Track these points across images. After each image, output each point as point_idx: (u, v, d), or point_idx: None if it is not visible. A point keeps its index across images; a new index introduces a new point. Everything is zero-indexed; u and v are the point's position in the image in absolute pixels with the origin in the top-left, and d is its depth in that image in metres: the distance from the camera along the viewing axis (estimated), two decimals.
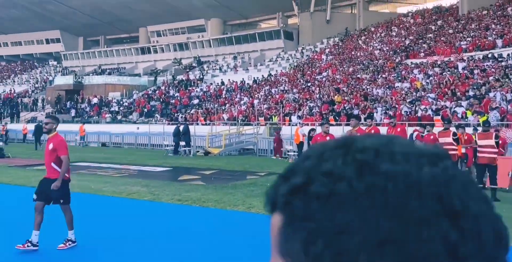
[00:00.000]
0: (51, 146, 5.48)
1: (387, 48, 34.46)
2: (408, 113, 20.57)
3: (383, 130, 19.25)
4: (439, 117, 18.44)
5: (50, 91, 50.41)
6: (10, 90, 53.96)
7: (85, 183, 10.61)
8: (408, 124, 18.67)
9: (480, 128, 11.41)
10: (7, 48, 67.78)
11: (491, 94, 19.59)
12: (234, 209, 7.88)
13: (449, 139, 9.53)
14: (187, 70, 48.90)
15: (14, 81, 60.63)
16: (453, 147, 9.56)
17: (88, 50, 62.68)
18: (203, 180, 12.23)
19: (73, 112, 41.84)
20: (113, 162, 17.61)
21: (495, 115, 16.76)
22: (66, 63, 61.84)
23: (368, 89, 26.40)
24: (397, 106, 21.68)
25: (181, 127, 21.40)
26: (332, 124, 22.86)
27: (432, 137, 11.55)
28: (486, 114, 16.41)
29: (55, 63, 65.08)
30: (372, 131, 11.43)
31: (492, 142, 9.02)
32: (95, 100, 43.40)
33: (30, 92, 54.40)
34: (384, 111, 21.68)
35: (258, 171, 14.45)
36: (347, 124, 22.40)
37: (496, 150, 9.14)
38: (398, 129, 11.62)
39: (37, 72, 63.48)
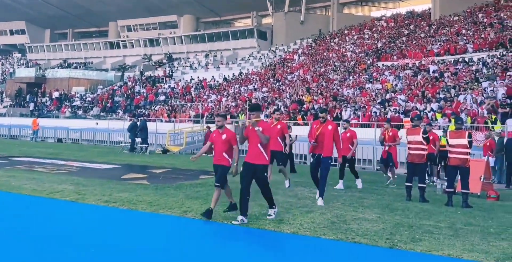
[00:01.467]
0: None
1: (359, 50, 34.00)
2: (378, 114, 19.84)
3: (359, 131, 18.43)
4: (409, 118, 17.74)
5: (10, 83, 48.06)
6: None
7: (6, 179, 9.23)
8: (378, 125, 17.96)
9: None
10: None
11: (461, 97, 19.05)
12: (165, 213, 6.73)
13: (419, 137, 8.61)
14: (157, 66, 47.37)
15: None
16: (422, 146, 8.65)
17: (55, 43, 60.28)
18: (150, 179, 11.00)
19: (31, 106, 39.69)
20: (58, 157, 16.15)
21: (465, 118, 16.13)
22: (31, 56, 59.28)
23: (339, 90, 25.67)
24: (366, 107, 20.93)
25: (139, 123, 20.00)
26: (299, 124, 22.17)
27: (391, 133, 11.31)
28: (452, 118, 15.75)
29: (19, 55, 62.32)
30: (348, 134, 10.69)
31: (464, 141, 8.18)
32: (56, 94, 41.39)
33: None
34: (353, 112, 20.90)
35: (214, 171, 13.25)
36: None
37: (469, 150, 8.30)
38: (348, 134, 10.83)
39: (0, 64, 60.59)
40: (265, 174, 6.49)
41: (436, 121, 17.18)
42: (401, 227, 6.18)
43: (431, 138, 10.47)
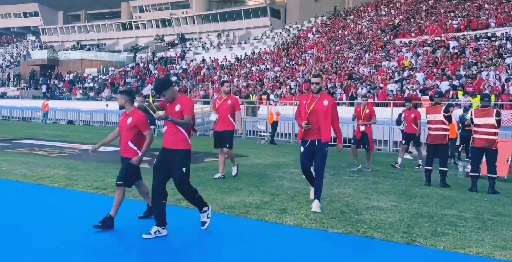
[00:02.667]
0: None
1: (376, 27, 32.66)
2: (394, 93, 18.88)
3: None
4: (427, 97, 16.79)
5: (24, 66, 48.05)
6: None
7: None
8: (394, 104, 17.06)
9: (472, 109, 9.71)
10: None
11: (484, 74, 17.93)
12: None
13: (440, 116, 7.78)
14: (169, 47, 46.67)
15: None
16: (444, 126, 7.82)
17: (68, 25, 59.93)
18: (152, 162, 10.38)
19: (44, 88, 39.52)
20: (63, 140, 15.72)
21: None
22: (45, 38, 59.13)
23: (354, 68, 24.63)
24: (382, 85, 19.95)
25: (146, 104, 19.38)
26: None
27: (413, 115, 10.42)
28: (478, 95, 14.74)
29: (33, 38, 62.17)
30: (412, 115, 10.26)
31: (492, 120, 7.34)
32: (69, 76, 41.19)
33: (4, 67, 51.80)
34: (368, 91, 19.95)
35: None
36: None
37: (497, 130, 7.49)
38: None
39: (14, 47, 60.60)
40: (183, 168, 4.64)
41: (457, 100, 16.19)
42: (420, 218, 5.46)
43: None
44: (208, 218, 4.93)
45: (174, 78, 33.76)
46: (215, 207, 5.82)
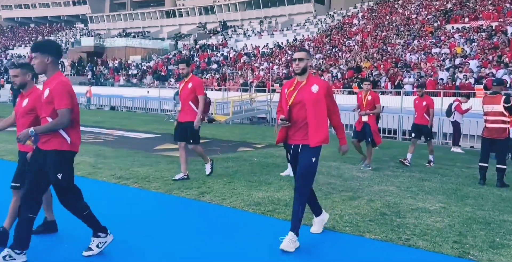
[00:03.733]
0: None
1: (426, 12, 30.84)
2: (445, 81, 17.62)
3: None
4: (481, 86, 15.50)
5: (72, 53, 49.38)
6: None
7: None
8: (444, 94, 15.90)
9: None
10: (35, 10, 66.82)
11: None
12: (178, 194, 5.68)
13: (499, 107, 6.86)
14: (211, 34, 46.52)
15: None
16: (503, 118, 6.90)
17: (114, 13, 61.02)
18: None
19: (89, 74, 40.44)
20: (101, 126, 15.75)
21: None
22: (92, 26, 60.55)
23: (401, 55, 23.33)
24: (432, 73, 18.70)
25: None
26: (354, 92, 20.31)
27: (424, 102, 9.01)
28: None
29: (81, 26, 63.84)
30: (424, 103, 8.89)
31: (499, 107, 6.78)
32: (113, 63, 41.95)
33: None
34: (416, 79, 18.76)
35: (257, 142, 12.18)
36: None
37: (506, 118, 6.83)
38: (424, 103, 9.00)
39: (63, 35, 62.44)
40: (58, 173, 3.39)
41: None
42: (474, 224, 4.71)
43: (424, 103, 8.87)
44: (98, 247, 3.63)
45: (214, 66, 33.55)
46: (240, 202, 5.31)
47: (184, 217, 4.87)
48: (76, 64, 45.53)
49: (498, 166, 6.98)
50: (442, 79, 17.70)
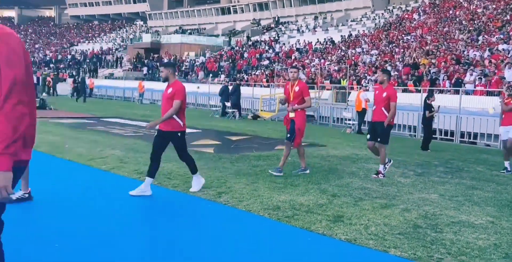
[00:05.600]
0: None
1: (494, 6, 28.63)
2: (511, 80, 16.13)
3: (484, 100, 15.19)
4: None
5: (130, 49, 51.08)
6: (100, 48, 55.78)
7: (69, 141, 8.71)
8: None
9: None
10: (99, 8, 69.81)
11: None
12: (195, 194, 5.33)
13: None
14: (264, 31, 46.28)
15: (103, 40, 62.53)
16: None
17: (172, 10, 62.40)
18: (218, 147, 9.85)
19: (145, 70, 41.54)
20: (146, 120, 15.83)
21: None
22: (151, 23, 62.33)
23: (463, 52, 21.74)
24: (496, 71, 17.20)
25: (230, 87, 18.99)
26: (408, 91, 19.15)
27: (385, 93, 6.88)
28: None
29: (141, 23, 65.94)
30: (384, 94, 6.82)
31: None
32: (168, 59, 42.80)
33: (113, 50, 55.60)
34: (479, 77, 17.34)
35: None
36: (430, 91, 18.52)
37: None
38: (384, 94, 6.89)
39: (124, 32, 64.79)
40: None
41: None
42: None
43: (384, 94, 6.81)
44: None
45: (266, 62, 33.20)
46: (258, 205, 4.87)
47: (190, 219, 4.52)
48: (134, 60, 47.01)
49: None
50: (502, 78, 16.21)
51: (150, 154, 5.41)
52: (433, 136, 12.81)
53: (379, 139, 6.96)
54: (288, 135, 6.80)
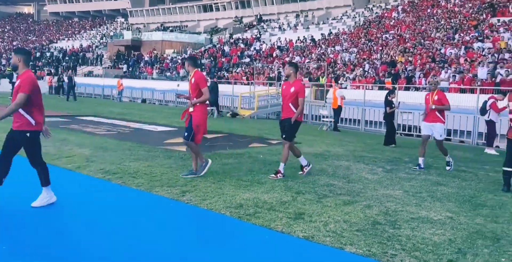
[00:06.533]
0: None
1: (471, 5, 29.10)
2: (484, 78, 16.41)
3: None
4: None
5: (110, 46, 50.45)
6: (80, 45, 54.96)
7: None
8: (482, 90, 14.81)
9: None
10: (79, 4, 68.74)
11: None
12: (158, 193, 5.29)
13: None
14: (246, 28, 46.21)
15: (83, 37, 61.63)
16: None
17: (153, 7, 61.80)
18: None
19: (125, 67, 41.10)
20: (122, 118, 15.69)
21: None
22: (132, 20, 61.63)
23: (440, 50, 22.04)
24: (470, 69, 17.49)
25: (208, 85, 18.88)
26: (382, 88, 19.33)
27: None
28: None
29: (122, 20, 65.16)
30: (292, 89, 6.35)
31: None
32: (149, 56, 42.45)
33: (93, 48, 54.86)
34: (453, 75, 17.61)
35: (274, 138, 11.68)
36: (407, 89, 18.76)
37: None
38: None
39: (105, 29, 63.94)
40: None
41: None
42: (480, 240, 4.05)
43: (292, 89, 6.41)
44: None
45: (247, 60, 33.14)
46: (220, 204, 4.85)
47: (150, 218, 4.47)
48: (115, 58, 46.45)
49: None
50: (476, 75, 16.50)
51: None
52: (396, 131, 13.08)
53: (284, 136, 6.43)
54: (186, 134, 6.12)
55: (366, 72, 21.78)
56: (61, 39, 62.16)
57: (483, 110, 11.74)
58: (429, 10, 31.20)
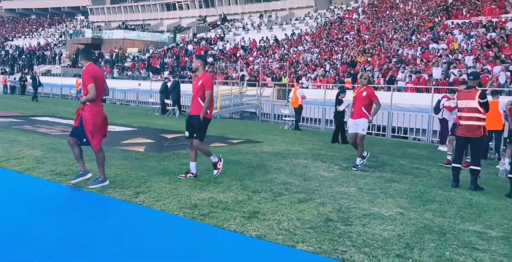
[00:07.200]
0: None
1: (427, 7, 30.10)
2: (439, 78, 16.99)
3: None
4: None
5: (69, 45, 49.01)
6: (38, 43, 53.06)
7: None
8: (436, 90, 15.33)
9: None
10: (36, 1, 66.38)
11: None
12: (110, 195, 5.16)
13: (473, 103, 6.30)
14: (210, 28, 45.96)
15: (40, 35, 59.59)
16: (478, 115, 6.33)
17: (115, 5, 60.46)
18: (150, 146, 9.63)
19: None
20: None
21: None
22: (92, 18, 60.08)
23: (398, 51, 22.66)
24: (425, 69, 18.06)
25: (169, 84, 18.68)
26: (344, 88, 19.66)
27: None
28: None
29: (82, 18, 63.40)
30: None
31: (474, 103, 6.28)
32: (109, 55, 41.52)
33: (52, 46, 53.14)
34: (409, 75, 18.13)
35: (235, 138, 11.67)
36: (342, 88, 19.11)
37: (481, 115, 6.32)
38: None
39: (64, 27, 62.04)
40: None
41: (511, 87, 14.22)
42: (427, 234, 4.17)
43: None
44: None
45: (210, 59, 32.99)
46: (174, 205, 4.78)
47: (100, 220, 4.36)
48: (74, 56, 45.13)
49: (471, 167, 6.42)
50: (431, 75, 17.08)
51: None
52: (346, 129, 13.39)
53: (195, 135, 6.19)
54: (84, 140, 5.48)
55: (327, 72, 22.10)
56: (17, 37, 59.86)
57: (436, 109, 12.13)
58: (387, 12, 32.04)
